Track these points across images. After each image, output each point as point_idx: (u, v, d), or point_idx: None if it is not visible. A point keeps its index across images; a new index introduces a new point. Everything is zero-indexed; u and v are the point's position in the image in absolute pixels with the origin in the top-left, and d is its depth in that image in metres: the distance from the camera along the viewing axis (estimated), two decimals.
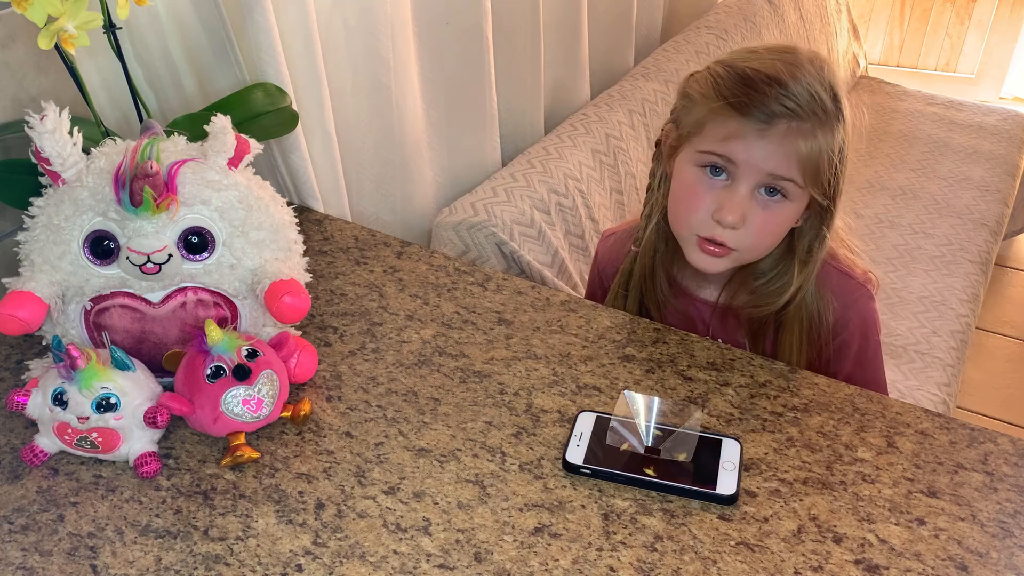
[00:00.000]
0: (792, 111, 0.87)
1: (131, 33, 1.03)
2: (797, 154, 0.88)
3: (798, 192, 0.91)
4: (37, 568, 0.68)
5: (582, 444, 0.76)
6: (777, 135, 0.88)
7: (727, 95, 0.89)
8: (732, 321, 1.04)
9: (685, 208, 0.95)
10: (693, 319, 1.06)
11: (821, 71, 0.90)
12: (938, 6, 3.43)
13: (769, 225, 0.92)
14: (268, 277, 0.80)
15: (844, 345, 1.02)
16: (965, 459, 0.78)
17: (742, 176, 0.90)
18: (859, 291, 1.01)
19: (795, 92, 0.87)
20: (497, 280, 1.02)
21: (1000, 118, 2.57)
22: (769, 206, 0.91)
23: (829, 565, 0.67)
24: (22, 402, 0.75)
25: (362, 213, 1.40)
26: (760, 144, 0.88)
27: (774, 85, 0.88)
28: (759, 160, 0.89)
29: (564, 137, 1.65)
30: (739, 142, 0.89)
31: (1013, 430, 2.04)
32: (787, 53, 0.91)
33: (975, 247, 2.01)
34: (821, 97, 0.88)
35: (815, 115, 0.88)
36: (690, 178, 0.94)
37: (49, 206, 0.79)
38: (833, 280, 1.00)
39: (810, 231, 0.96)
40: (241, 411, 0.76)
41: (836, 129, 0.90)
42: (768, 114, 0.87)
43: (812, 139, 0.88)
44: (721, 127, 0.90)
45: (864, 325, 1.02)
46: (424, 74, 1.44)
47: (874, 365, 1.05)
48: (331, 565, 0.68)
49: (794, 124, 0.88)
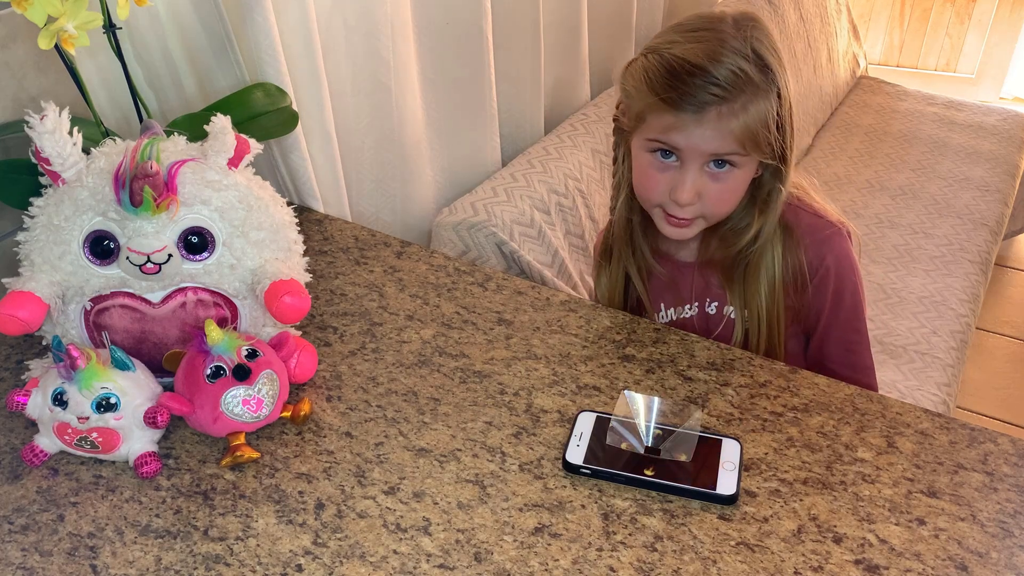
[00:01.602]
0: (720, 96, 0.91)
1: (131, 33, 1.03)
2: (732, 133, 0.92)
3: (745, 159, 0.95)
4: (37, 568, 0.68)
5: (582, 444, 0.76)
6: (711, 119, 0.92)
7: (658, 91, 0.93)
8: (712, 276, 1.08)
9: (645, 189, 1.01)
10: (678, 281, 1.10)
11: (746, 41, 0.92)
12: (938, 6, 3.43)
13: (724, 192, 0.97)
14: (268, 277, 0.80)
15: (821, 284, 1.05)
16: (965, 459, 0.78)
17: (688, 158, 0.95)
18: (830, 229, 1.04)
19: (719, 76, 0.90)
20: (497, 280, 1.02)
21: (1000, 118, 2.57)
22: (720, 177, 0.96)
23: (829, 565, 0.67)
24: (22, 402, 0.75)
25: (362, 213, 1.40)
26: (697, 131, 0.93)
27: (697, 73, 0.91)
28: (699, 144, 0.93)
29: (564, 137, 1.65)
30: (677, 132, 0.94)
31: (1013, 430, 2.04)
32: (710, 28, 0.94)
33: (975, 247, 2.01)
34: (746, 71, 0.91)
35: (742, 91, 0.91)
36: (644, 162, 0.99)
37: (49, 206, 0.79)
38: (804, 222, 1.04)
39: (767, 182, 1.00)
40: (241, 411, 0.76)
41: (769, 96, 0.92)
42: (698, 104, 0.91)
43: (744, 114, 0.91)
44: (659, 120, 0.95)
45: (838, 262, 1.04)
46: (424, 74, 1.44)
47: (852, 310, 1.07)
48: (331, 565, 0.68)
49: (724, 107, 0.91)
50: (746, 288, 1.04)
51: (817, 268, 1.04)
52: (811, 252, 1.03)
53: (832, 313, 1.06)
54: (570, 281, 1.50)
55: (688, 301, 1.10)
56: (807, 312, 1.07)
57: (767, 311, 1.04)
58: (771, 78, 0.93)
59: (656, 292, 1.11)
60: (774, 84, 0.93)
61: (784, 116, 0.95)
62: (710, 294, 1.08)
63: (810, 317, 1.08)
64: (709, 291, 1.08)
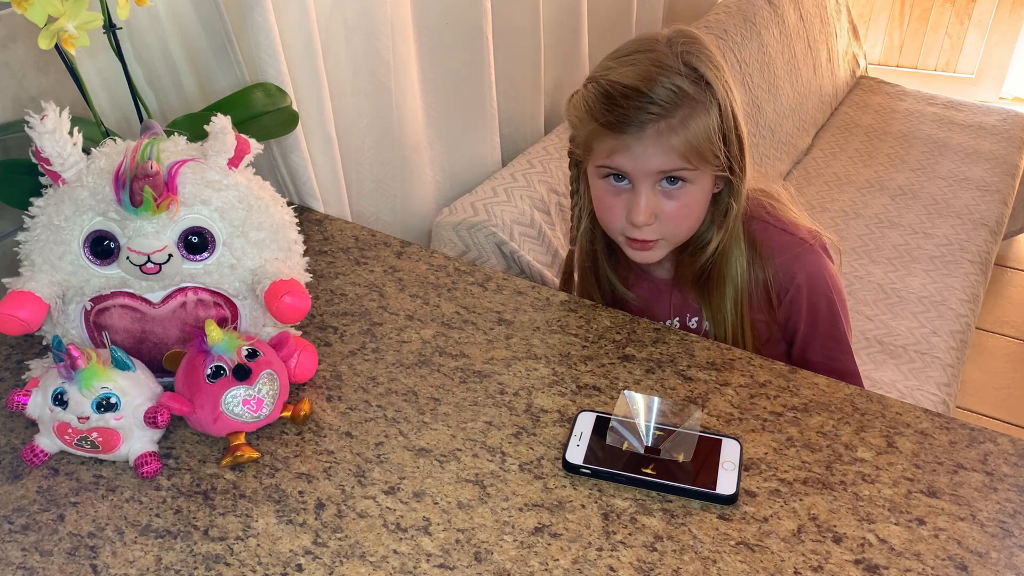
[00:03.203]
0: (657, 115, 0.92)
1: (131, 33, 1.03)
2: (674, 148, 0.93)
3: (695, 173, 0.95)
4: (37, 568, 0.68)
5: (582, 444, 0.76)
6: (651, 138, 0.93)
7: (598, 117, 0.95)
8: (688, 291, 1.08)
9: (604, 216, 1.02)
10: (655, 300, 1.11)
11: (679, 58, 0.93)
12: (938, 6, 3.43)
13: (682, 210, 0.98)
14: (268, 277, 0.80)
15: (793, 302, 1.05)
16: (965, 459, 0.78)
17: (638, 180, 0.96)
18: (801, 246, 1.04)
19: (654, 95, 0.91)
20: (497, 280, 1.02)
21: (1000, 118, 2.57)
22: (674, 194, 0.97)
23: (829, 565, 0.67)
24: (22, 402, 0.75)
25: (362, 213, 1.40)
26: (640, 149, 0.93)
27: (633, 96, 0.92)
28: (645, 164, 0.94)
29: (564, 137, 1.64)
30: (621, 155, 0.95)
31: (1013, 430, 2.04)
32: (644, 50, 0.95)
33: (975, 247, 2.01)
34: (682, 88, 0.92)
35: (679, 107, 0.92)
36: (599, 190, 1.01)
37: (49, 206, 0.79)
38: (775, 239, 1.04)
39: (724, 196, 1.00)
40: (241, 411, 0.76)
41: (708, 110, 0.93)
42: (637, 125, 0.92)
43: (684, 130, 0.92)
44: (603, 145, 0.96)
45: (810, 279, 1.04)
46: (424, 74, 1.44)
47: (830, 321, 1.07)
48: (331, 565, 0.68)
49: (663, 124, 0.92)
50: (712, 300, 1.05)
51: (787, 286, 1.04)
52: (781, 270, 1.03)
53: (809, 327, 1.07)
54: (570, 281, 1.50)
55: (668, 317, 1.11)
56: (784, 325, 1.08)
57: (731, 323, 1.04)
58: (708, 91, 0.93)
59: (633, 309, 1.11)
60: (713, 97, 0.93)
61: (728, 127, 0.95)
62: (689, 309, 1.09)
63: (787, 330, 1.08)
64: (688, 306, 1.09)
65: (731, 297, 1.03)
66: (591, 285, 1.12)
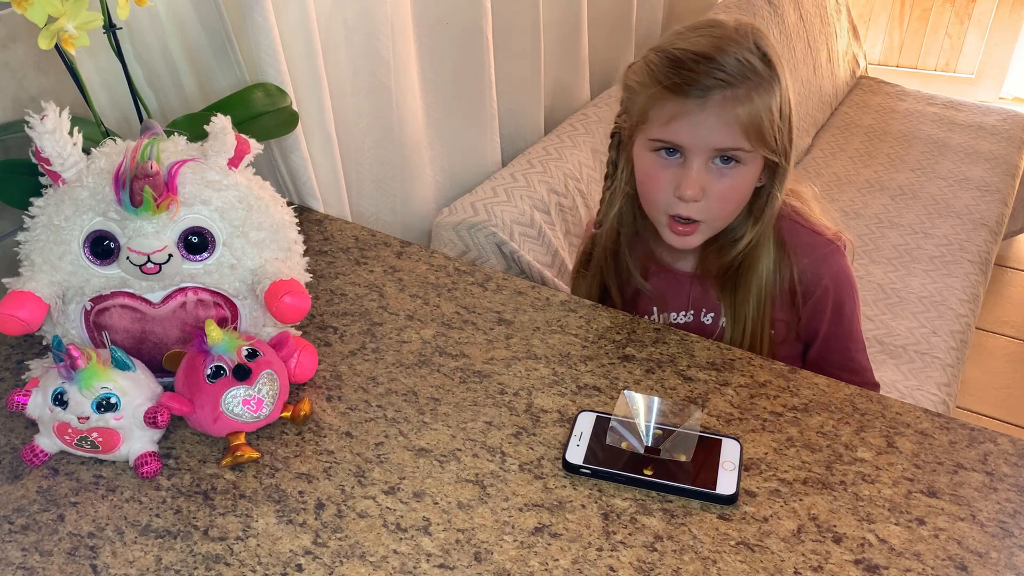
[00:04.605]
0: (724, 81, 0.91)
1: (131, 33, 1.03)
2: (738, 121, 0.92)
3: (750, 155, 0.95)
4: (37, 568, 0.68)
5: (582, 444, 0.76)
6: (715, 107, 0.91)
7: (662, 79, 0.93)
8: (710, 287, 1.07)
9: (649, 191, 1.00)
10: (673, 292, 1.10)
11: (748, 37, 0.93)
12: (938, 6, 3.43)
13: (729, 191, 0.96)
14: (268, 277, 0.80)
15: (819, 303, 1.05)
16: (965, 459, 0.78)
17: (692, 154, 0.94)
18: (828, 247, 1.04)
19: (723, 63, 0.91)
20: (497, 280, 1.02)
21: (1000, 118, 2.57)
22: (726, 174, 0.95)
23: (829, 565, 0.67)
24: (22, 402, 0.75)
25: (362, 213, 1.40)
26: (701, 120, 0.92)
27: (702, 61, 0.91)
28: (704, 137, 0.93)
29: (564, 137, 1.65)
30: (681, 123, 0.93)
31: (1013, 430, 2.04)
32: (713, 27, 0.95)
33: (975, 247, 2.01)
34: (751, 62, 0.91)
35: (747, 79, 0.91)
36: (647, 163, 0.99)
37: (49, 206, 0.79)
38: (803, 238, 1.04)
39: (765, 188, 1.00)
40: (241, 411, 0.76)
41: (772, 89, 0.93)
42: (702, 89, 0.91)
43: (749, 103, 0.91)
44: (662, 111, 0.94)
45: (836, 280, 1.05)
46: (424, 74, 1.44)
47: (851, 320, 1.08)
48: (331, 565, 0.68)
49: (728, 93, 0.91)
50: (736, 297, 1.04)
51: (814, 288, 1.04)
52: (808, 271, 1.03)
53: (831, 327, 1.07)
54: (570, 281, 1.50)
55: (683, 309, 1.10)
56: (804, 325, 1.07)
57: (752, 321, 1.04)
58: (774, 73, 0.93)
59: (647, 298, 1.11)
60: (777, 78, 0.93)
61: (785, 113, 0.95)
62: (706, 304, 1.08)
63: (808, 329, 1.08)
64: (706, 302, 1.08)
65: (755, 295, 1.03)
66: (609, 270, 1.11)
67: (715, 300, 1.07)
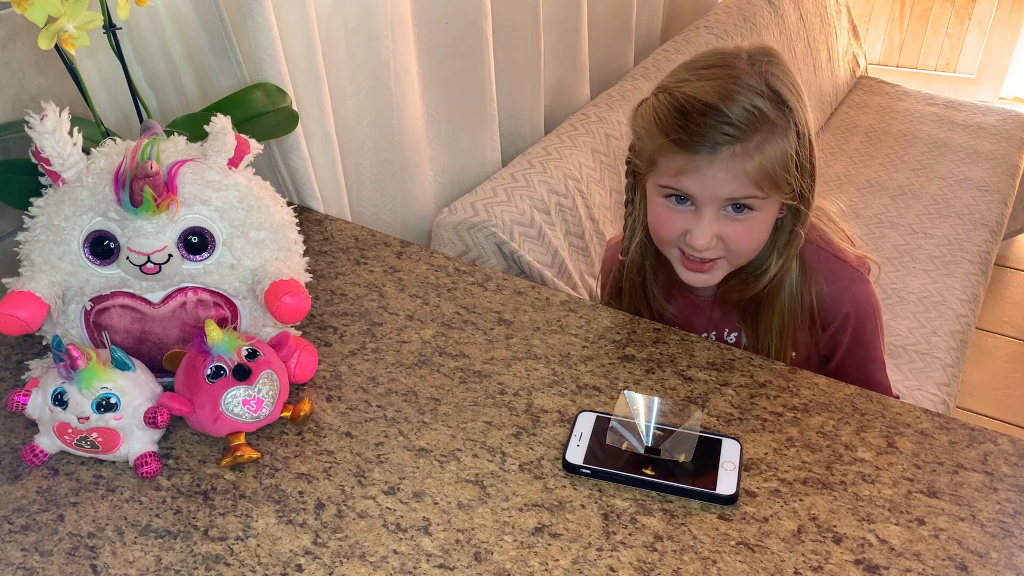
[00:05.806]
0: (733, 136, 0.87)
1: (131, 33, 1.03)
2: (748, 174, 0.88)
3: (765, 201, 0.91)
4: (37, 568, 0.68)
5: (582, 444, 0.76)
6: (724, 160, 0.88)
7: (668, 132, 0.89)
8: (731, 311, 1.06)
9: (660, 233, 0.97)
10: (696, 315, 1.08)
11: (760, 77, 0.88)
12: (938, 6, 3.43)
13: (744, 235, 0.93)
14: (268, 277, 0.80)
15: (839, 330, 1.03)
16: (965, 459, 0.78)
17: (703, 204, 0.91)
18: (852, 275, 1.02)
19: (731, 113, 0.86)
20: (497, 280, 1.02)
21: (1000, 118, 2.57)
22: (738, 220, 0.92)
23: (829, 565, 0.67)
24: (22, 402, 0.75)
25: (362, 213, 1.40)
26: (710, 173, 0.89)
27: (709, 113, 0.87)
28: (713, 189, 0.90)
29: (564, 137, 1.65)
30: (690, 176, 0.90)
31: (1013, 430, 2.04)
32: (723, 67, 0.90)
33: (975, 247, 2.01)
34: (760, 109, 0.87)
35: (758, 130, 0.87)
36: (658, 206, 0.96)
37: (49, 206, 0.79)
38: (826, 266, 1.01)
39: (787, 223, 0.96)
40: (241, 411, 0.76)
41: (786, 134, 0.88)
42: (711, 145, 0.87)
43: (760, 154, 0.87)
44: (670, 163, 0.91)
45: (859, 308, 1.03)
46: (424, 74, 1.44)
47: (872, 342, 1.05)
48: (331, 565, 0.68)
49: (738, 147, 0.87)
50: (759, 326, 1.02)
51: (834, 315, 1.02)
52: (829, 300, 1.01)
53: (850, 349, 1.05)
54: (570, 281, 1.50)
55: (705, 330, 1.08)
56: (824, 346, 1.06)
57: (775, 349, 1.02)
58: (788, 115, 0.88)
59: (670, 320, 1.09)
60: (792, 121, 0.88)
61: (804, 155, 0.90)
62: (728, 324, 1.06)
63: (827, 349, 1.06)
64: (728, 322, 1.06)
65: (777, 324, 1.00)
66: (640, 302, 1.07)
67: (736, 323, 1.05)
